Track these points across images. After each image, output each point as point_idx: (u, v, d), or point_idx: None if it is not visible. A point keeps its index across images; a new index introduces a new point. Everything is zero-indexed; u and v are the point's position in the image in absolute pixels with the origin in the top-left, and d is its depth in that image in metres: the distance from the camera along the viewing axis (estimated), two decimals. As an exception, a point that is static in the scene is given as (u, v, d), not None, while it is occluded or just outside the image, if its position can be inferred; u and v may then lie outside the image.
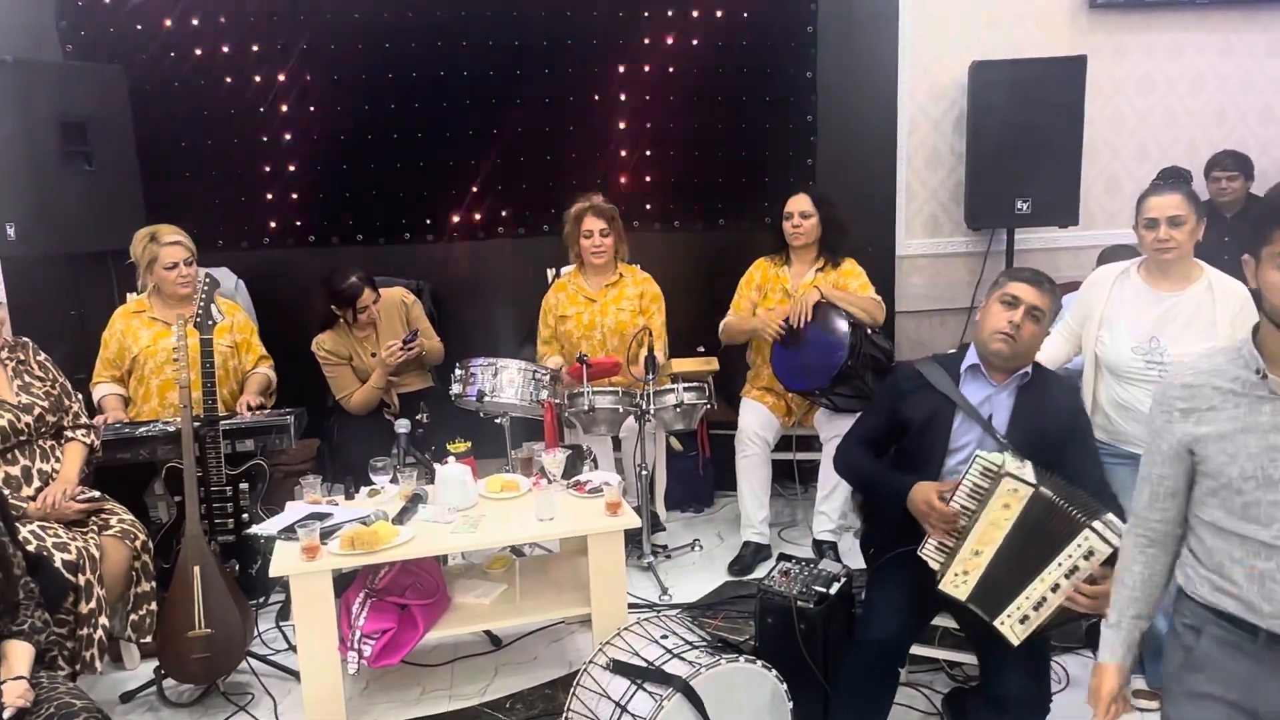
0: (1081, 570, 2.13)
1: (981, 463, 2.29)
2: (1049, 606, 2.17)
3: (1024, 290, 2.49)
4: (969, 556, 2.30)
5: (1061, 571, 2.15)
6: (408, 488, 2.96)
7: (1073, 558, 2.14)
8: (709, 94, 4.47)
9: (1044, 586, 2.17)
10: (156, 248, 3.45)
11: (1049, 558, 2.20)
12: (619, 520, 2.77)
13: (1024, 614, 2.20)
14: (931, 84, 4.65)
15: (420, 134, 4.34)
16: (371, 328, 3.79)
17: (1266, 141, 4.81)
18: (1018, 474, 2.23)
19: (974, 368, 2.59)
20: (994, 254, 4.78)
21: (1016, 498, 2.23)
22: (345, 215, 4.36)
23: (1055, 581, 2.16)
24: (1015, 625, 2.20)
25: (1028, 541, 2.23)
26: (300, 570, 2.53)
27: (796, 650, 2.75)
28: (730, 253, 4.57)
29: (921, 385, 2.61)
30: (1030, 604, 2.19)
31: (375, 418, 3.78)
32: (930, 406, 2.57)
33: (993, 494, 2.24)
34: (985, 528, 2.26)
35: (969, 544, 2.28)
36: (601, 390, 3.44)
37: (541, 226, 4.48)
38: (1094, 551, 2.11)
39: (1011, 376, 2.55)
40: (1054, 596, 2.16)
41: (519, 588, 2.94)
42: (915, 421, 2.59)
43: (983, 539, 2.26)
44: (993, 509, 2.24)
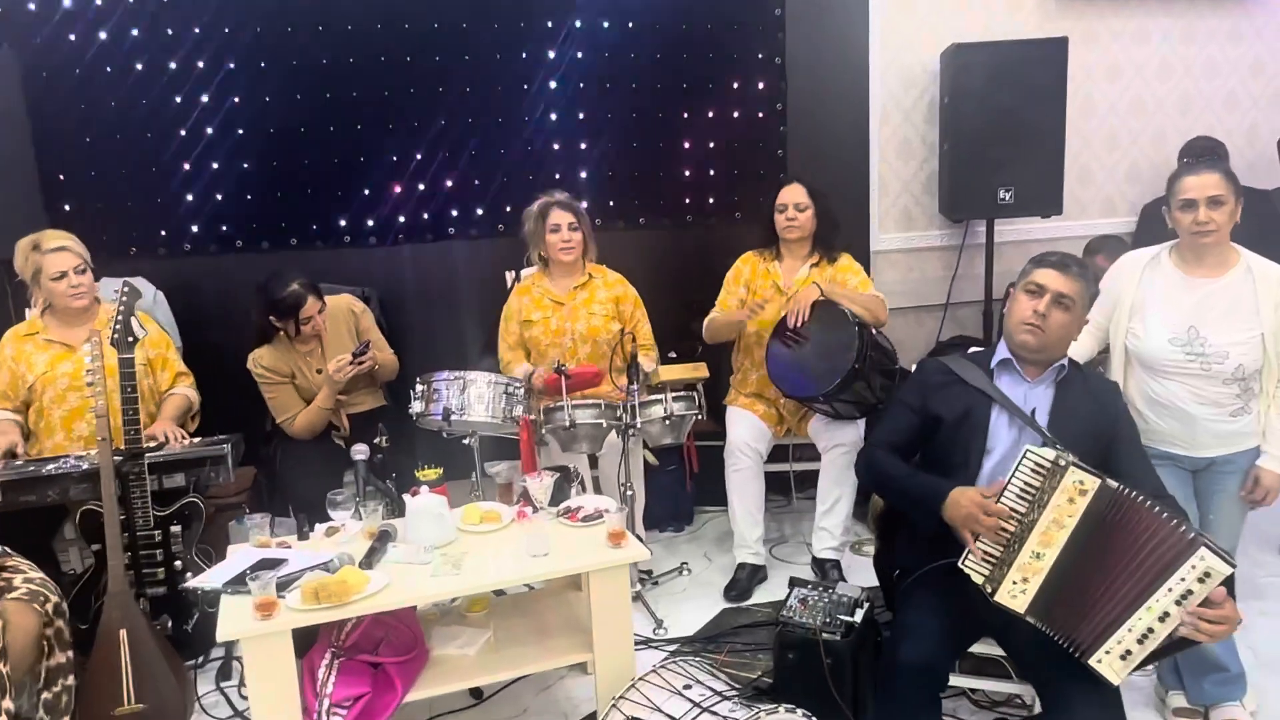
0: (1195, 595, 1.87)
1: (1033, 458, 2.05)
2: (1156, 639, 1.91)
3: (1049, 277, 2.30)
4: (1029, 560, 2.04)
5: (1172, 598, 1.89)
6: (372, 524, 2.56)
7: (1185, 581, 1.87)
8: (674, 81, 4.16)
9: (1151, 616, 1.91)
10: (40, 257, 2.99)
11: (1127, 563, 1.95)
12: (624, 553, 2.42)
13: (1126, 649, 1.93)
14: (902, 71, 4.43)
15: (359, 126, 3.92)
16: (316, 341, 3.38)
17: (1231, 128, 4.73)
18: (1082, 465, 2.00)
19: (1005, 363, 2.38)
20: (970, 247, 4.59)
21: (1080, 491, 1.99)
22: (277, 217, 3.91)
23: (1165, 610, 1.89)
24: (1115, 663, 1.93)
25: (1095, 541, 2.00)
26: (255, 631, 2.12)
27: (823, 688, 2.47)
28: (701, 251, 4.30)
29: (951, 380, 2.38)
30: (1134, 637, 1.92)
31: (323, 442, 3.36)
32: (963, 403, 2.34)
33: (1051, 490, 2.01)
34: (1047, 527, 2.02)
35: (1028, 546, 2.04)
36: (582, 403, 3.09)
37: (496, 226, 4.11)
38: (1210, 573, 1.86)
39: (1046, 370, 2.35)
40: (1162, 627, 1.90)
41: (505, 633, 2.57)
42: (947, 418, 2.35)
43: (1044, 540, 2.02)
44: (1055, 506, 2.01)
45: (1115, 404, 2.40)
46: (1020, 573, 2.05)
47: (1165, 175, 4.59)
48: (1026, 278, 2.36)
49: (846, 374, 3.03)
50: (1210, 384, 2.57)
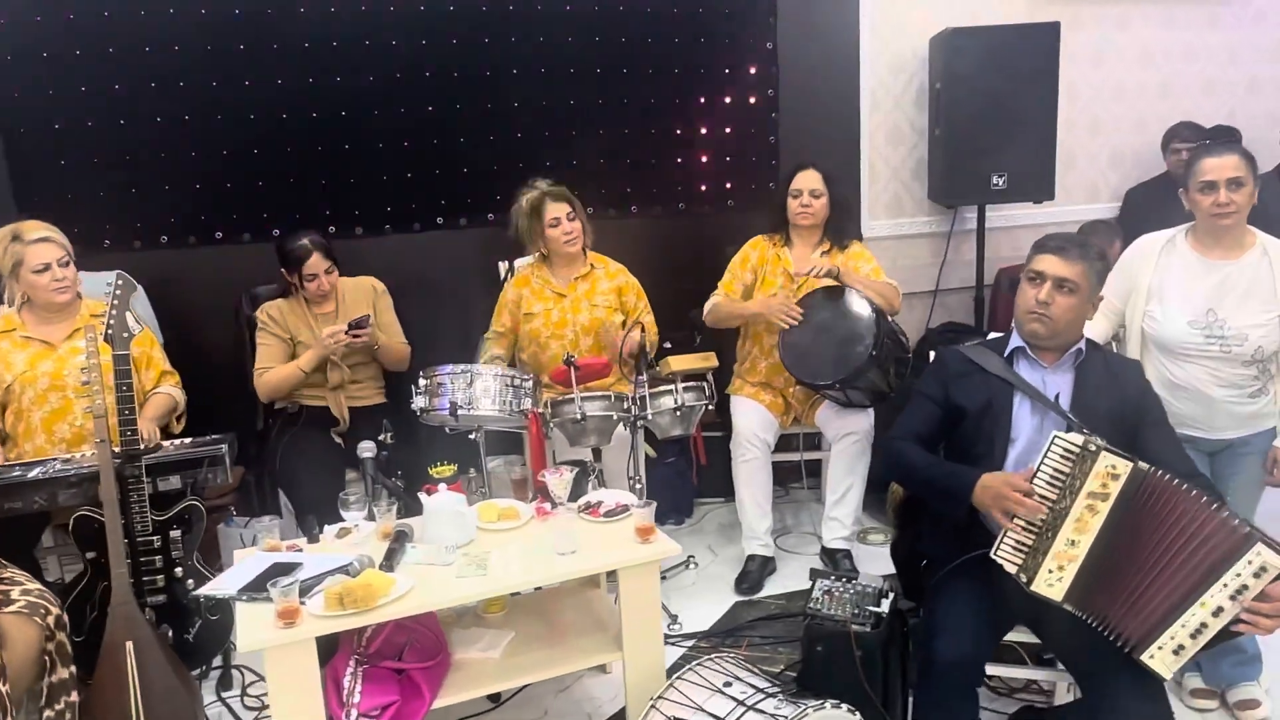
0: (1251, 589, 1.85)
1: (1062, 444, 2.02)
2: (1209, 632, 1.88)
3: (1047, 263, 2.27)
4: (1064, 548, 2.01)
5: (1227, 593, 1.86)
6: (387, 524, 2.46)
7: (1240, 576, 1.85)
8: (665, 66, 4.08)
9: (1205, 612, 1.88)
10: (21, 248, 2.82)
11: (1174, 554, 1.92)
12: (654, 548, 2.35)
13: (1179, 644, 1.90)
14: (892, 57, 4.40)
15: (344, 112, 3.77)
16: (334, 309, 3.34)
17: (1209, 113, 4.77)
18: (1113, 448, 1.97)
19: (1020, 350, 2.35)
20: (958, 233, 4.59)
21: (1113, 475, 1.96)
22: (258, 207, 3.75)
23: (1219, 605, 1.87)
24: (1168, 658, 1.91)
25: (1131, 526, 1.97)
26: (278, 641, 2.01)
27: (853, 681, 2.43)
28: (694, 239, 4.24)
29: (972, 370, 2.35)
30: (1187, 633, 1.89)
31: (322, 439, 3.23)
32: (985, 392, 2.31)
33: (1083, 476, 1.98)
34: (1081, 513, 1.98)
35: (1063, 534, 2.00)
36: (591, 395, 3.01)
37: (486, 216, 3.99)
38: (1266, 567, 1.83)
39: (1064, 355, 2.31)
40: (1216, 621, 1.87)
41: (526, 634, 2.49)
42: (969, 409, 2.31)
43: (1079, 527, 1.99)
44: (1089, 491, 1.97)
45: (1139, 383, 2.37)
46: (1055, 560, 2.02)
47: (1147, 161, 4.75)
48: (1028, 265, 2.33)
49: (864, 361, 2.99)
50: (1229, 366, 2.58)
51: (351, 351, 3.26)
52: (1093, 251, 2.29)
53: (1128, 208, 4.68)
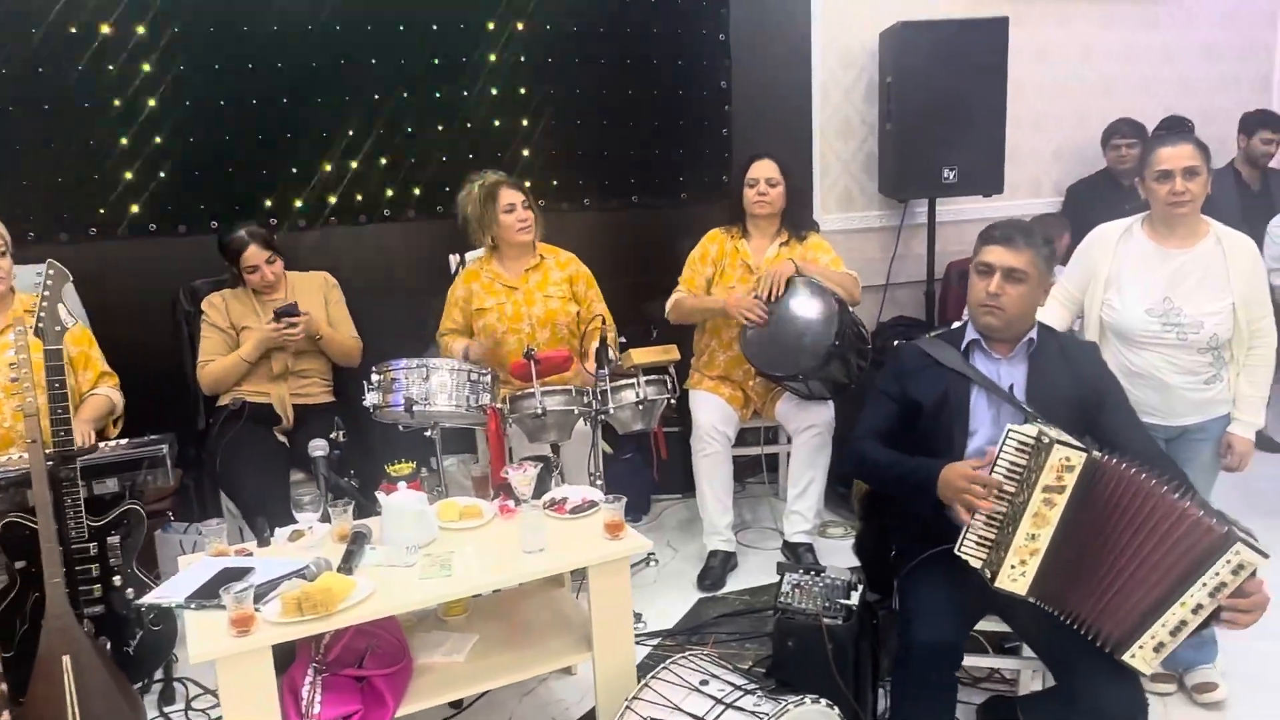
0: (1229, 586, 1.86)
1: (1016, 437, 2.01)
2: (1188, 628, 1.89)
3: (995, 254, 2.25)
4: (1024, 542, 2.00)
5: (1206, 591, 1.87)
6: (343, 525, 2.35)
7: (1219, 575, 1.85)
8: (618, 56, 4.02)
9: (1184, 610, 1.88)
10: None
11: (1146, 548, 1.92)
12: (624, 544, 2.28)
13: (1159, 642, 1.91)
14: (842, 51, 4.40)
15: (285, 100, 3.62)
16: (282, 298, 3.22)
17: (1147, 111, 4.85)
18: (1066, 440, 1.96)
19: (975, 343, 2.33)
20: (908, 227, 4.61)
21: (1067, 467, 1.95)
22: (195, 198, 3.58)
23: (1198, 602, 1.87)
24: (1148, 655, 1.92)
25: (1092, 517, 1.97)
26: (232, 650, 1.89)
27: (825, 675, 2.39)
28: (648, 233, 4.19)
29: (928, 364, 2.33)
30: (1167, 630, 1.90)
31: (266, 439, 3.09)
32: (942, 385, 2.29)
33: (1039, 469, 1.96)
34: (1038, 508, 1.97)
35: (1022, 528, 1.99)
36: (552, 390, 2.92)
37: (435, 208, 3.88)
38: (1244, 565, 1.84)
39: (1017, 346, 2.30)
40: (1195, 618, 1.88)
41: (490, 637, 2.40)
42: (926, 404, 2.30)
43: (1037, 521, 1.98)
44: (1044, 485, 1.96)
45: (1094, 364, 2.37)
46: (1017, 555, 2.01)
47: (1088, 156, 4.83)
48: (976, 256, 2.31)
49: (827, 352, 2.97)
50: (1186, 353, 2.61)
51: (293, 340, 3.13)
52: (1038, 237, 2.28)
53: (1070, 202, 4.76)
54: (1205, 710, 2.64)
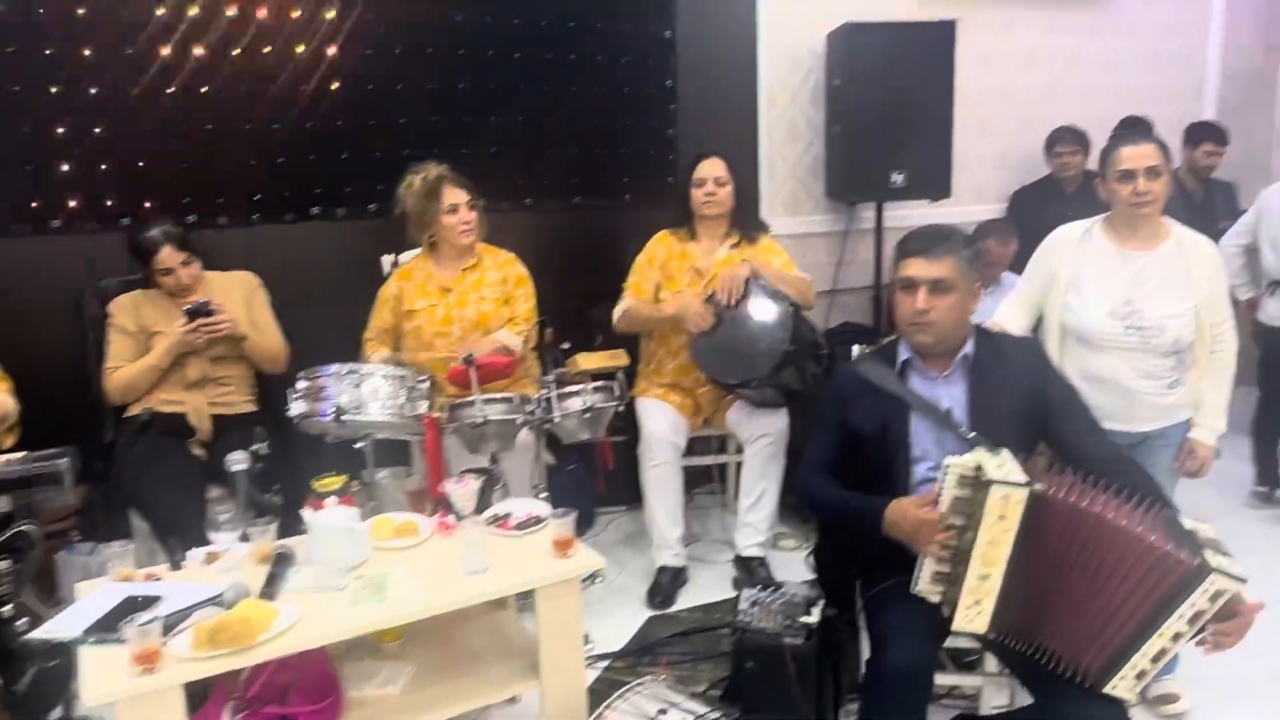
0: (1207, 613, 1.77)
1: (956, 472, 1.91)
2: (1169, 655, 1.81)
3: (915, 267, 2.12)
4: (976, 584, 1.90)
5: (1183, 621, 1.78)
6: (265, 545, 2.14)
7: (1195, 605, 1.76)
8: (561, 52, 3.86)
9: (1163, 640, 1.79)
10: None
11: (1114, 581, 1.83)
12: (574, 563, 2.13)
13: (1140, 670, 1.81)
14: (788, 53, 4.31)
15: (204, 89, 3.39)
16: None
17: (1089, 118, 4.87)
18: (1003, 478, 1.84)
19: (908, 363, 2.21)
20: (854, 232, 4.55)
21: (1011, 506, 1.84)
22: (103, 192, 3.31)
23: (1176, 631, 1.78)
24: (1130, 684, 1.82)
25: (1046, 550, 1.87)
26: (135, 690, 1.68)
27: (786, 697, 2.28)
28: (590, 235, 4.05)
29: (865, 389, 2.20)
30: (1147, 660, 1.81)
31: (179, 451, 2.85)
32: (881, 412, 2.17)
33: (982, 505, 1.85)
34: (985, 548, 1.87)
35: (973, 569, 1.89)
36: (492, 398, 2.75)
37: (367, 206, 3.67)
38: (1222, 593, 1.76)
39: (953, 361, 2.18)
40: (1175, 645, 1.80)
41: (429, 666, 2.21)
42: (867, 432, 2.18)
43: (987, 560, 1.88)
44: (988, 524, 1.85)
45: (1036, 364, 2.26)
46: (971, 595, 1.91)
47: (1032, 163, 4.82)
48: (896, 271, 2.19)
49: (781, 357, 2.85)
50: (1148, 357, 2.55)
51: (215, 342, 2.89)
52: (957, 241, 2.17)
53: (1014, 208, 4.74)
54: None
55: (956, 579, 1.92)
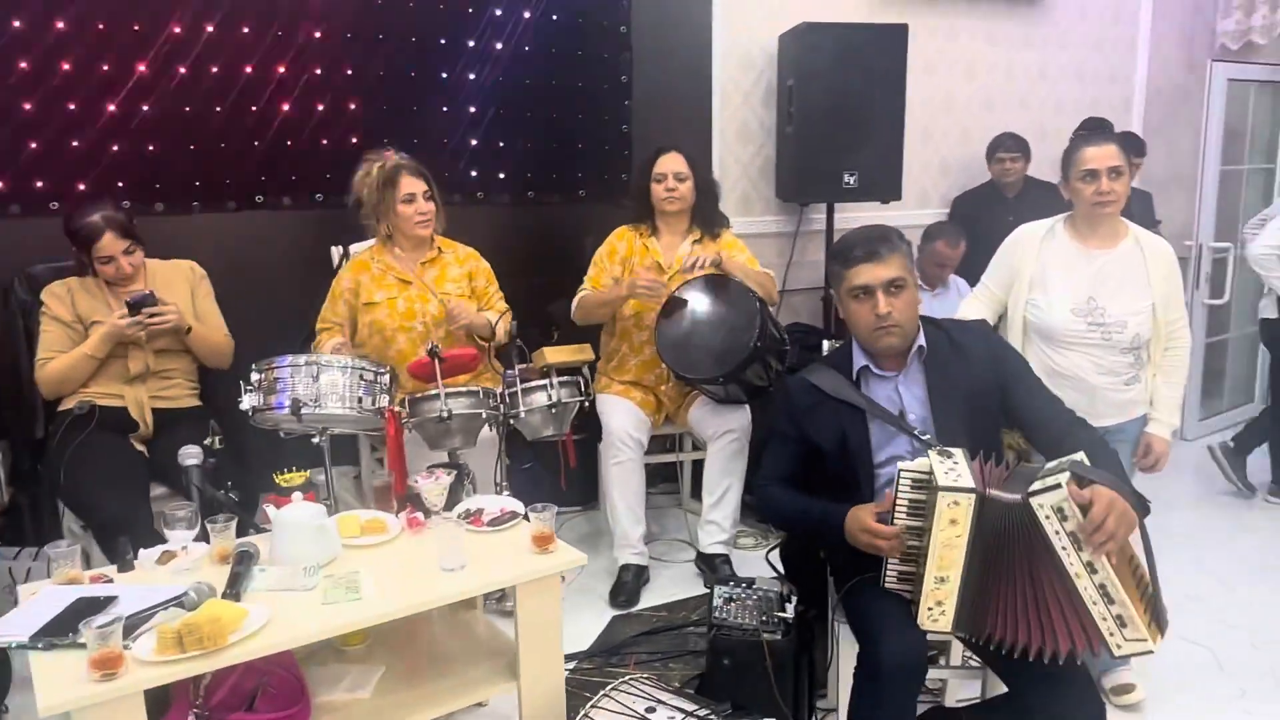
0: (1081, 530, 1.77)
1: (908, 477, 1.93)
2: (1114, 584, 1.78)
3: (866, 274, 2.10)
4: (935, 587, 1.91)
5: (1074, 553, 1.78)
6: (224, 544, 2.02)
7: (1060, 533, 1.78)
8: (515, 42, 3.79)
9: (1086, 580, 1.79)
10: None
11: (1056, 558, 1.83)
12: (555, 559, 2.06)
13: (1116, 617, 1.80)
14: (741, 54, 4.32)
15: (142, 67, 3.21)
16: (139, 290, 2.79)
17: (1024, 127, 4.98)
18: (951, 483, 1.86)
19: (865, 369, 2.20)
20: (804, 234, 4.57)
21: (960, 510, 1.86)
22: (31, 174, 3.11)
23: (1086, 561, 1.78)
24: (1128, 637, 1.80)
25: (995, 546, 1.88)
26: (95, 698, 1.55)
27: (764, 693, 2.24)
28: (544, 230, 3.98)
29: (819, 400, 2.18)
30: (1104, 604, 1.79)
31: (119, 448, 2.68)
32: (838, 422, 2.17)
33: (934, 509, 1.87)
34: (940, 550, 1.88)
35: (929, 572, 1.90)
36: (456, 391, 2.66)
37: (314, 196, 3.53)
38: (1060, 507, 1.77)
39: (909, 356, 2.18)
40: (1102, 573, 1.78)
41: (398, 669, 2.11)
42: (827, 445, 2.18)
43: (943, 563, 1.89)
44: (940, 528, 1.87)
45: (986, 343, 2.27)
46: (932, 598, 1.92)
47: (971, 169, 4.92)
48: (845, 282, 2.14)
49: (749, 352, 2.82)
50: (1109, 353, 2.61)
51: (157, 335, 2.74)
52: (894, 236, 2.16)
53: (955, 213, 4.83)
54: (1124, 713, 2.63)
55: (921, 578, 1.92)
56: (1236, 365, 5.51)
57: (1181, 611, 3.08)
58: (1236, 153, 5.18)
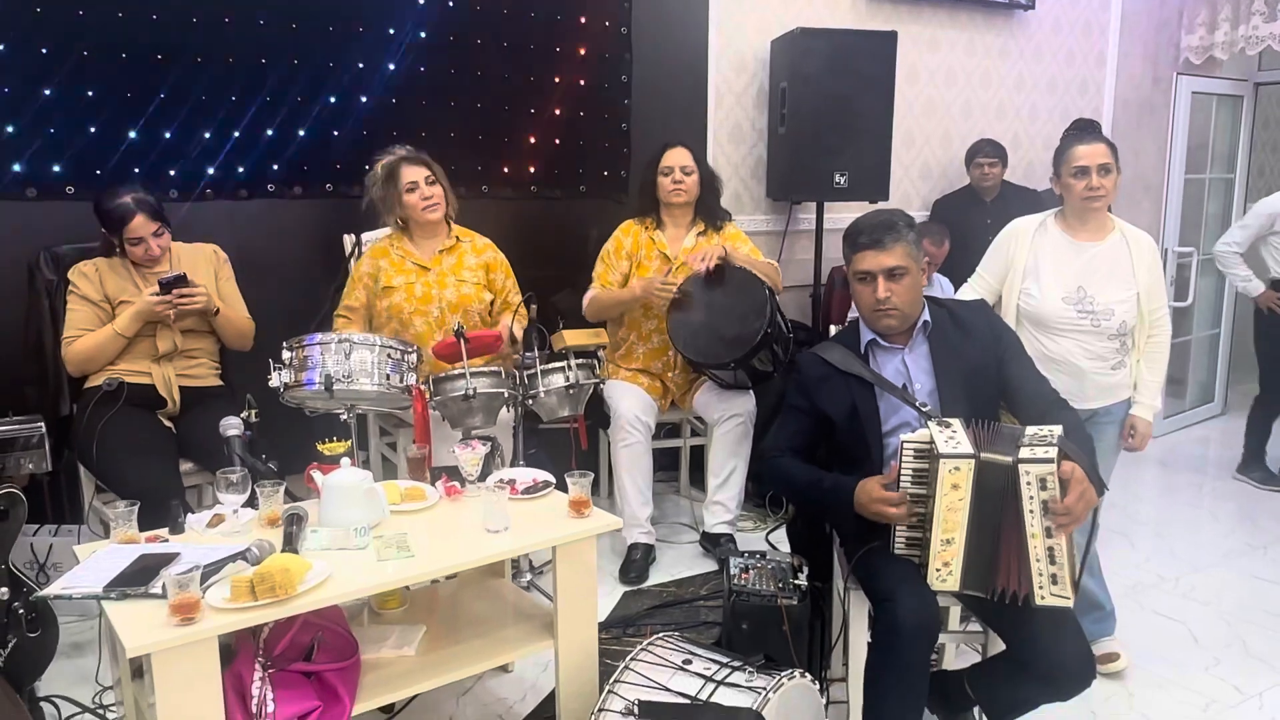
0: (1051, 498, 1.93)
1: (912, 447, 2.07)
2: (1062, 551, 1.95)
3: (869, 260, 2.24)
4: (941, 548, 2.05)
5: (1038, 517, 1.95)
6: (273, 508, 2.10)
7: (1035, 498, 1.94)
8: (521, 40, 3.90)
9: (1039, 541, 1.95)
10: None
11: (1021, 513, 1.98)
12: (593, 522, 2.16)
13: (1050, 575, 1.96)
14: (735, 56, 4.47)
15: (160, 55, 3.27)
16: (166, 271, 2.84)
17: (1001, 134, 5.21)
18: (952, 450, 2.01)
19: (872, 343, 2.34)
20: (793, 232, 4.72)
21: (961, 475, 2.00)
22: (47, 157, 3.14)
23: (1044, 526, 1.94)
24: (1053, 591, 1.97)
25: (997, 507, 2.02)
26: (175, 641, 1.62)
27: (782, 656, 2.36)
28: (547, 224, 4.08)
29: (830, 373, 2.32)
30: (1046, 563, 1.96)
31: (149, 421, 2.74)
32: (848, 394, 2.30)
33: (937, 476, 2.01)
34: (945, 514, 2.02)
35: (935, 535, 2.04)
36: (479, 371, 2.75)
37: (324, 185, 3.60)
38: (1043, 478, 1.92)
39: (915, 331, 2.33)
40: (1056, 540, 1.95)
41: (437, 629, 2.20)
42: (838, 417, 2.30)
43: (948, 526, 2.03)
44: (943, 493, 2.01)
45: (987, 320, 2.42)
46: (940, 560, 2.05)
47: (951, 174, 5.12)
48: (851, 265, 2.29)
49: (760, 338, 2.95)
50: (1098, 339, 2.77)
51: (185, 315, 2.80)
52: (900, 224, 2.28)
53: (936, 216, 5.01)
54: (1108, 680, 2.78)
55: (927, 543, 2.05)
56: (1198, 367, 5.76)
57: (1154, 590, 3.29)
58: (1199, 162, 5.43)
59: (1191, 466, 4.84)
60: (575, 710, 2.13)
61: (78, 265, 2.80)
